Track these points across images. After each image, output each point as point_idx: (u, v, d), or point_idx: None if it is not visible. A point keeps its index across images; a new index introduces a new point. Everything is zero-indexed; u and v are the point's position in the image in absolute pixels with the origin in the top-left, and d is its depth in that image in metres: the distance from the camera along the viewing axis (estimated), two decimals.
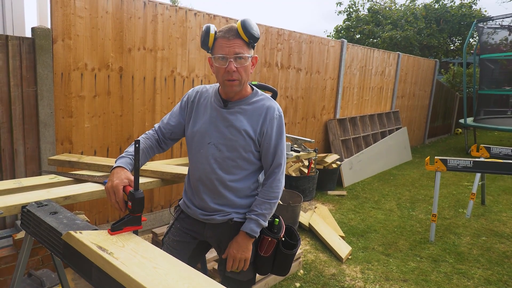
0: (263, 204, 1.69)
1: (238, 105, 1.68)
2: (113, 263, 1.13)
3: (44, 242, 1.45)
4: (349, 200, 5.37)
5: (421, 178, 6.81)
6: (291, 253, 1.81)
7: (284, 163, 1.75)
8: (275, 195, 1.71)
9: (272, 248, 1.76)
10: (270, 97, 1.76)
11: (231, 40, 1.56)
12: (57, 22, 3.02)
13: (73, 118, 3.26)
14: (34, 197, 1.73)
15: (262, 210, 1.69)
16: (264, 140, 1.69)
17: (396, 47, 12.98)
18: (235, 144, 1.66)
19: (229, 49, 1.56)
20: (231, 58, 1.56)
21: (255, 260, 1.78)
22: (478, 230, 4.43)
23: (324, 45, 6.01)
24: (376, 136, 7.52)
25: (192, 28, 3.98)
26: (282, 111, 1.96)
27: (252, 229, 1.67)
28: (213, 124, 1.69)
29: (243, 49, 1.58)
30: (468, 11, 13.12)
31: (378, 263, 3.54)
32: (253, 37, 1.57)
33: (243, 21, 1.55)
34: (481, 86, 9.29)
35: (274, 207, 1.73)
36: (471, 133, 10.53)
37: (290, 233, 1.91)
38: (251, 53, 1.62)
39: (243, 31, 1.55)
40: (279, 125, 1.72)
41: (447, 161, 3.95)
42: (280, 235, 1.78)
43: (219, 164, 1.69)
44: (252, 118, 1.67)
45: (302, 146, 3.49)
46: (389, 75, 8.06)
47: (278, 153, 1.71)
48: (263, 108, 1.68)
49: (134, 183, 1.42)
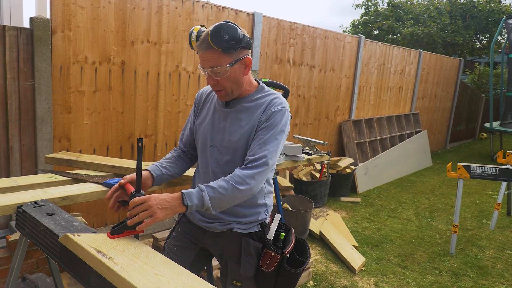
0: (223, 184, 1.50)
1: (240, 103, 1.67)
2: (113, 268, 1.14)
3: (40, 245, 1.47)
4: (364, 207, 5.35)
5: (441, 186, 6.75)
6: (295, 272, 1.72)
7: (271, 162, 1.57)
8: (241, 192, 1.51)
9: (275, 263, 1.69)
10: (278, 93, 1.70)
11: (205, 53, 1.51)
12: (56, 12, 3.06)
13: (72, 114, 3.29)
14: (30, 197, 1.75)
15: (215, 190, 1.48)
16: (257, 132, 1.61)
17: (418, 44, 12.90)
18: (236, 146, 1.64)
19: (203, 62, 1.54)
20: (207, 71, 1.54)
21: (256, 274, 1.74)
22: (503, 243, 4.38)
23: (340, 41, 6.00)
24: (394, 139, 7.47)
25: (199, 20, 4.00)
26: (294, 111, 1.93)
27: (189, 194, 1.45)
28: (215, 125, 1.70)
29: (218, 61, 1.51)
30: (497, 6, 12.98)
31: (394, 275, 3.52)
32: (228, 44, 1.47)
33: (212, 30, 1.46)
34: (509, 88, 9.17)
35: (230, 201, 1.53)
36: (497, 138, 10.41)
37: (301, 248, 1.85)
38: (233, 59, 1.53)
39: (213, 42, 1.46)
40: (278, 119, 1.59)
41: (470, 168, 3.91)
42: (285, 250, 1.71)
43: (221, 168, 1.68)
44: (253, 115, 1.63)
45: (314, 149, 3.48)
46: (409, 74, 8.01)
47: (267, 147, 1.55)
48: (265, 102, 1.64)
49: (136, 185, 1.43)
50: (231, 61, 1.53)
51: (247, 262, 1.72)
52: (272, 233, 1.79)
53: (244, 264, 1.72)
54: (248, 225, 1.73)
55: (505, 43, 9.64)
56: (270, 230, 1.81)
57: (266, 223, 1.79)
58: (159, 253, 1.30)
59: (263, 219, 1.77)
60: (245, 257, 1.72)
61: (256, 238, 1.74)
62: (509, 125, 9.23)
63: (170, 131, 3.99)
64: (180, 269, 1.21)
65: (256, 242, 1.73)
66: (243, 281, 1.75)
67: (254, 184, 1.53)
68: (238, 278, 1.75)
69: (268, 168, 1.56)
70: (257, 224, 1.76)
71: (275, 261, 1.69)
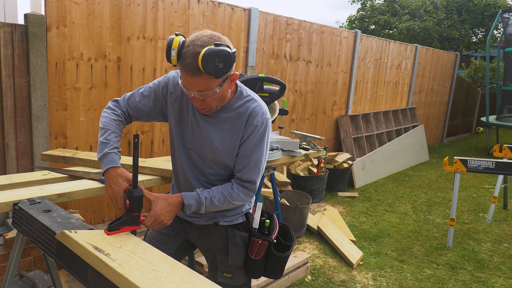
0: (221, 198, 1.60)
1: (220, 112, 1.60)
2: (110, 265, 1.14)
3: (37, 242, 1.46)
4: (361, 202, 5.36)
5: (438, 180, 6.78)
6: (283, 256, 1.79)
7: (258, 180, 1.64)
8: (233, 205, 1.65)
9: (263, 251, 1.74)
10: (257, 97, 1.65)
11: (193, 77, 1.39)
12: (51, 9, 3.04)
13: (68, 111, 3.28)
14: (27, 194, 1.74)
15: (212, 202, 1.58)
16: (240, 145, 1.60)
17: (414, 39, 12.90)
18: (219, 157, 1.63)
19: (190, 85, 1.43)
20: (194, 93, 1.45)
21: (246, 263, 1.79)
22: (500, 236, 4.40)
23: (336, 36, 5.99)
24: (391, 134, 7.49)
25: (195, 16, 3.98)
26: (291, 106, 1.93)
27: (189, 205, 1.55)
28: (194, 128, 1.65)
29: (208, 85, 1.41)
30: (493, 0, 12.99)
31: (391, 269, 3.54)
32: (222, 72, 1.38)
33: (205, 57, 1.33)
34: (505, 82, 9.19)
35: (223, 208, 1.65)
36: (494, 132, 10.44)
37: (285, 233, 1.91)
38: (222, 80, 1.44)
39: (205, 69, 1.35)
40: (261, 134, 1.59)
41: (467, 162, 3.92)
42: (271, 237, 1.76)
43: (201, 171, 1.69)
44: (235, 127, 1.59)
45: (312, 144, 3.48)
46: (405, 68, 8.01)
47: (251, 164, 1.60)
48: (246, 113, 1.57)
49: (133, 181, 1.42)
50: (221, 82, 1.44)
51: (235, 253, 1.76)
52: (257, 222, 1.84)
53: (232, 255, 1.76)
54: (233, 217, 1.77)
55: (501, 37, 9.65)
56: (254, 219, 1.85)
57: (250, 213, 1.84)
58: (156, 249, 1.30)
59: (247, 210, 1.82)
60: (232, 247, 1.76)
61: (241, 229, 1.79)
62: (505, 119, 9.25)
63: (167, 127, 3.97)
64: (177, 264, 1.21)
65: (242, 232, 1.77)
66: (233, 271, 1.79)
67: (246, 200, 1.67)
68: (227, 270, 1.79)
69: (257, 186, 1.67)
70: (242, 215, 1.80)
71: (263, 248, 1.74)
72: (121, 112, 1.72)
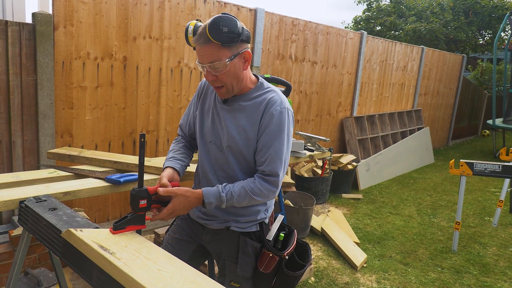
0: (241, 193, 1.55)
1: (238, 101, 1.62)
2: (115, 263, 1.14)
3: (43, 240, 1.47)
4: (365, 204, 5.34)
5: (443, 183, 6.74)
6: (293, 275, 1.68)
7: (281, 174, 1.58)
8: (256, 201, 1.59)
9: (273, 265, 1.66)
10: (277, 90, 1.65)
11: (203, 47, 1.46)
12: (59, 8, 3.05)
13: (74, 109, 3.29)
14: (33, 192, 1.75)
15: (233, 197, 1.55)
16: (260, 137, 1.58)
17: (420, 40, 12.84)
18: (235, 146, 1.61)
19: (202, 57, 1.49)
20: (205, 66, 1.50)
21: (254, 275, 1.71)
22: (506, 240, 4.37)
23: (342, 37, 5.98)
24: (396, 136, 7.46)
25: (201, 16, 3.99)
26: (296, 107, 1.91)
27: (210, 203, 1.54)
28: (214, 121, 1.67)
29: (217, 55, 1.46)
30: (500, 2, 12.89)
31: (396, 272, 3.52)
32: (227, 37, 1.42)
33: (211, 23, 1.41)
34: None
35: (242, 205, 1.62)
36: (500, 135, 10.37)
37: (303, 251, 1.82)
38: (233, 53, 1.48)
39: (211, 35, 1.41)
40: (280, 123, 1.56)
41: (473, 165, 3.90)
42: (284, 252, 1.67)
43: (220, 166, 1.67)
44: (252, 116, 1.58)
45: (316, 145, 3.47)
46: (411, 70, 7.98)
47: (273, 155, 1.55)
48: (264, 102, 1.58)
49: (138, 180, 1.43)
50: (231, 55, 1.48)
51: (244, 262, 1.69)
52: (272, 234, 1.76)
53: (242, 264, 1.69)
54: (246, 224, 1.70)
55: (508, 39, 9.58)
56: (270, 231, 1.78)
57: (265, 223, 1.77)
58: (161, 249, 1.30)
59: (262, 219, 1.74)
60: (242, 256, 1.69)
61: (254, 238, 1.72)
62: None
63: (172, 126, 3.98)
64: (182, 264, 1.21)
65: (254, 242, 1.70)
66: (241, 282, 1.72)
67: (268, 196, 1.59)
68: (235, 279, 1.72)
69: (280, 178, 1.59)
70: (256, 223, 1.73)
71: (273, 262, 1.66)
72: (180, 138, 1.89)
